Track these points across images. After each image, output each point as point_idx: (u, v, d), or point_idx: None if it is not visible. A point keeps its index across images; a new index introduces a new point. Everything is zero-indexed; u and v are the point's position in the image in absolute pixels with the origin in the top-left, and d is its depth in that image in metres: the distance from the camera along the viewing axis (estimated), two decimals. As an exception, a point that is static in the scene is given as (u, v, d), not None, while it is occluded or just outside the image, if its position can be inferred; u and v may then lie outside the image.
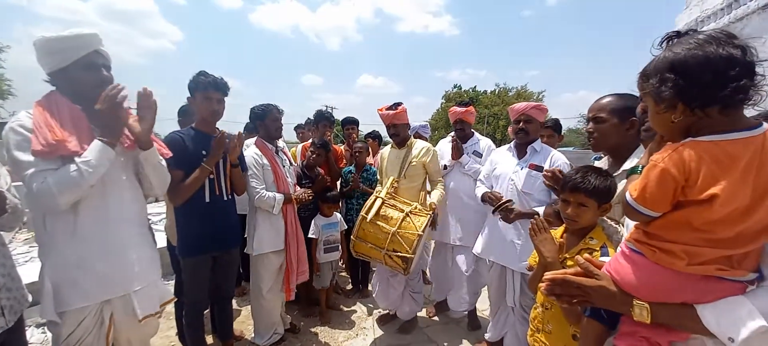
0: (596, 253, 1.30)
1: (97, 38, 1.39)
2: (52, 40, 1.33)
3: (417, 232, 2.23)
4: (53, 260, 1.35)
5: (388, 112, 2.59)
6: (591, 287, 0.93)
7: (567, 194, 1.39)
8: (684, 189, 0.78)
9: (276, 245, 2.40)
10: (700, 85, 0.74)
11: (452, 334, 2.89)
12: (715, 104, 0.75)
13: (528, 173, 2.17)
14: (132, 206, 1.53)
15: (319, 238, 2.89)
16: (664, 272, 0.83)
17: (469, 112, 2.87)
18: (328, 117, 3.61)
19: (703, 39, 0.76)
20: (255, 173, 2.32)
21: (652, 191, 0.80)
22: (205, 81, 1.98)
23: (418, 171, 2.63)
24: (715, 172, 0.75)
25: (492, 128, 29.81)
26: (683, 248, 0.80)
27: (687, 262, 0.80)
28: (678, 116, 0.79)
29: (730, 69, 0.71)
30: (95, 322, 1.42)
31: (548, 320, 1.45)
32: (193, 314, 2.16)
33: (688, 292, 0.82)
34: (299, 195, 2.51)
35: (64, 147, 1.26)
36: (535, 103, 2.34)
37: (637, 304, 0.86)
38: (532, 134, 2.27)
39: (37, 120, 1.27)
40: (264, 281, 2.44)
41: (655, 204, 0.81)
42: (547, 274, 1.03)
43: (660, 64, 0.80)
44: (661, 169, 0.79)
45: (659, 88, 0.79)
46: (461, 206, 2.70)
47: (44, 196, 1.23)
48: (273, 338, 2.55)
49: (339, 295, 3.49)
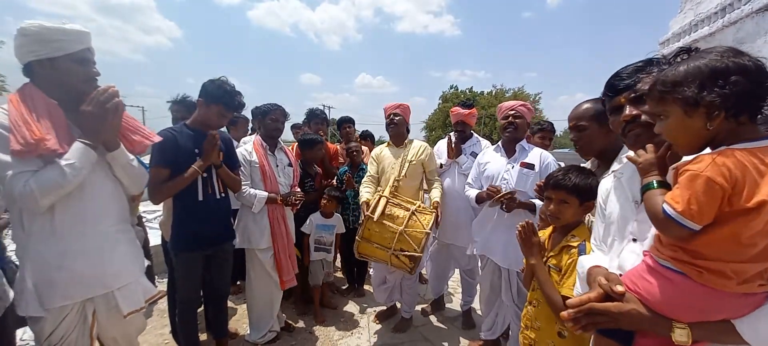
0: (574, 250, 1.34)
1: (90, 37, 1.40)
2: (50, 29, 1.29)
3: (424, 230, 2.23)
4: (33, 259, 1.33)
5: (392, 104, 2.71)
6: (621, 312, 0.87)
7: (549, 191, 1.45)
8: (730, 198, 0.75)
9: (260, 242, 2.39)
10: (741, 91, 0.75)
11: (447, 333, 2.90)
12: (747, 112, 0.76)
13: (520, 171, 2.20)
14: (110, 203, 1.49)
15: (311, 235, 2.88)
16: (708, 292, 0.80)
17: (471, 114, 2.89)
18: (320, 115, 3.60)
19: (732, 50, 0.78)
20: (242, 170, 2.32)
21: (699, 201, 0.76)
22: (231, 101, 1.98)
23: (417, 170, 2.65)
24: (757, 179, 0.74)
25: (489, 129, 29.92)
26: (733, 268, 0.77)
27: (737, 281, 0.77)
28: (714, 124, 0.77)
29: (764, 79, 0.75)
30: (78, 319, 1.41)
31: (537, 317, 1.48)
32: (187, 312, 2.14)
33: (728, 309, 0.81)
34: (287, 197, 2.46)
35: (43, 146, 1.22)
36: (522, 102, 2.37)
37: (678, 326, 0.82)
38: (520, 130, 2.30)
39: (14, 116, 1.21)
40: (256, 274, 2.45)
41: (702, 216, 0.76)
42: (569, 301, 0.97)
43: (696, 70, 0.78)
44: (707, 177, 0.75)
45: (699, 95, 0.77)
46: (457, 205, 2.71)
47: (27, 199, 1.21)
48: (268, 336, 2.55)
49: (334, 294, 3.48)
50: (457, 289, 3.49)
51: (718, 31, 4.82)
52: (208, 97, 1.96)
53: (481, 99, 33.38)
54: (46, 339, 1.35)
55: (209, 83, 1.97)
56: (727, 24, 4.65)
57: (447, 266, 3.12)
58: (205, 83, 1.98)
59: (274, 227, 2.42)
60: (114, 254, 1.47)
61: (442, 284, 3.20)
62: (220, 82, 1.97)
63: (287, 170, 2.59)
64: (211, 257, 2.13)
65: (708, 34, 4.96)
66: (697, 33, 5.18)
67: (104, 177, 1.46)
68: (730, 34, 4.65)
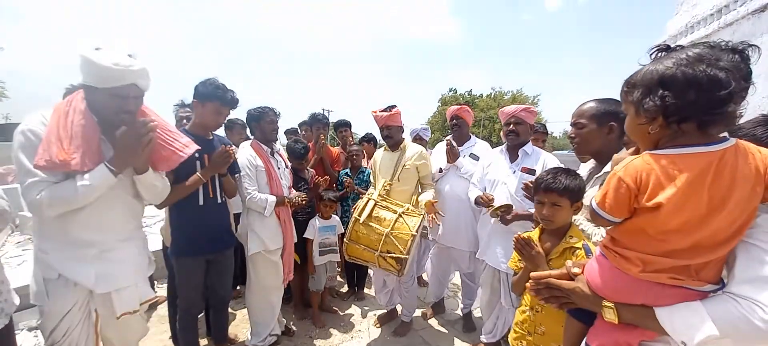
0: (579, 252, 1.35)
1: (142, 73, 1.37)
2: (97, 66, 1.29)
3: (411, 232, 2.23)
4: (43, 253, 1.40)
5: (382, 114, 2.60)
6: (570, 289, 1.00)
7: (541, 195, 1.45)
8: (637, 197, 0.83)
9: (272, 244, 2.40)
10: (684, 102, 0.76)
11: (448, 336, 2.89)
12: (693, 121, 0.78)
13: (521, 176, 2.20)
14: (126, 212, 1.55)
15: (315, 239, 2.89)
16: (618, 274, 0.90)
17: (464, 109, 2.89)
18: (322, 119, 3.62)
19: (693, 56, 0.76)
20: (248, 174, 2.33)
21: (610, 197, 0.87)
22: (223, 96, 1.98)
23: (411, 174, 2.63)
24: (662, 182, 0.79)
25: (488, 131, 29.98)
26: (639, 256, 0.85)
27: (641, 269, 0.85)
28: (654, 128, 0.82)
29: (715, 90, 0.73)
30: (81, 316, 1.45)
31: (540, 322, 1.47)
32: (187, 317, 2.14)
33: (645, 295, 0.87)
34: (292, 199, 2.51)
35: (66, 165, 1.27)
36: (524, 106, 2.38)
37: (606, 305, 0.91)
38: (522, 136, 2.30)
39: (50, 132, 1.27)
40: (259, 278, 2.44)
41: (613, 210, 0.88)
42: (532, 274, 1.10)
43: (647, 76, 0.82)
44: (618, 178, 0.86)
45: (642, 100, 0.82)
46: (457, 208, 2.71)
47: (35, 207, 1.28)
48: (268, 340, 2.54)
49: (334, 298, 3.48)
50: (457, 292, 3.49)
51: (714, 33, 4.85)
52: (202, 96, 1.99)
53: (480, 102, 33.47)
54: (51, 334, 1.41)
55: (200, 84, 2.00)
56: (724, 26, 4.67)
57: (447, 270, 3.12)
58: (197, 85, 2.01)
59: (282, 228, 2.46)
60: (121, 257, 1.52)
61: (443, 287, 3.20)
62: (211, 80, 2.00)
63: (286, 172, 2.62)
64: (211, 262, 2.14)
65: (704, 36, 4.98)
66: (693, 35, 5.20)
67: (124, 191, 1.52)
68: (726, 35, 4.67)
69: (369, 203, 2.37)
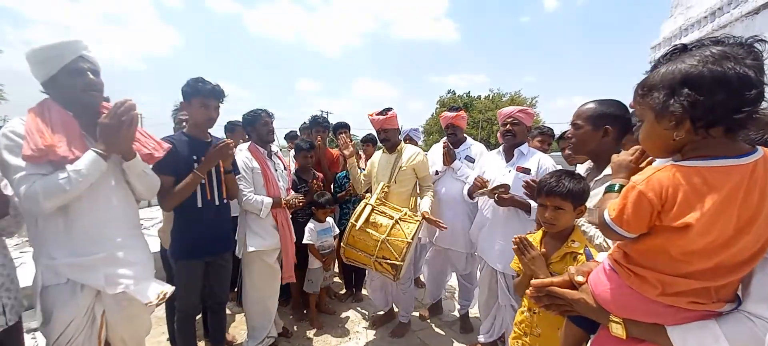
0: (581, 256, 1.33)
1: (80, 44, 1.42)
2: (38, 51, 1.37)
3: (406, 239, 2.24)
4: (45, 258, 1.39)
5: (378, 117, 2.61)
6: (574, 299, 0.96)
7: (543, 198, 1.43)
8: (660, 214, 0.76)
9: (268, 244, 2.41)
10: (713, 103, 0.68)
11: (445, 337, 2.90)
12: (722, 125, 0.71)
13: (516, 176, 2.22)
14: (122, 208, 1.55)
15: (315, 244, 2.90)
16: (633, 293, 0.84)
17: (459, 116, 2.91)
18: (322, 122, 3.64)
19: (719, 53, 0.69)
20: (244, 176, 2.34)
21: (628, 212, 0.79)
22: (204, 88, 1.99)
23: (409, 176, 2.64)
24: (691, 200, 0.72)
25: (486, 133, 30.04)
26: (658, 278, 0.79)
27: (660, 292, 0.79)
28: (681, 134, 0.74)
29: (746, 90, 0.67)
30: (85, 322, 1.44)
31: (537, 323, 1.47)
32: (185, 319, 2.15)
33: (659, 315, 0.82)
34: (290, 200, 2.52)
35: (53, 152, 1.28)
36: (521, 108, 2.40)
37: (614, 320, 0.87)
38: (519, 137, 2.33)
39: (29, 126, 1.30)
40: (254, 281, 2.45)
41: (631, 226, 0.80)
42: (533, 281, 1.05)
43: (669, 76, 0.74)
44: (639, 192, 0.77)
45: (666, 102, 0.73)
46: (453, 210, 2.72)
47: (30, 199, 1.26)
48: (266, 342, 2.55)
49: (332, 299, 3.49)
50: (454, 293, 3.50)
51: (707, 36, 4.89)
52: (187, 96, 2.02)
53: (478, 103, 33.57)
54: (56, 341, 1.40)
55: (184, 85, 2.03)
56: (717, 28, 4.72)
57: (444, 271, 3.14)
58: (182, 87, 2.04)
59: (279, 229, 2.47)
60: (125, 256, 1.52)
61: (440, 288, 3.21)
62: (192, 78, 2.02)
63: (284, 174, 2.63)
64: (210, 265, 2.14)
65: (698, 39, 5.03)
66: (687, 37, 5.26)
67: (117, 184, 1.53)
68: (720, 37, 4.71)
69: (366, 208, 2.38)
